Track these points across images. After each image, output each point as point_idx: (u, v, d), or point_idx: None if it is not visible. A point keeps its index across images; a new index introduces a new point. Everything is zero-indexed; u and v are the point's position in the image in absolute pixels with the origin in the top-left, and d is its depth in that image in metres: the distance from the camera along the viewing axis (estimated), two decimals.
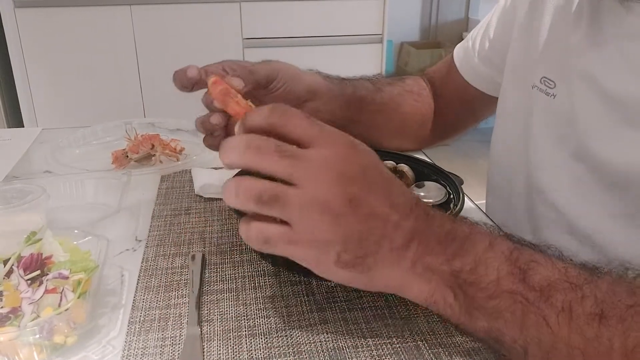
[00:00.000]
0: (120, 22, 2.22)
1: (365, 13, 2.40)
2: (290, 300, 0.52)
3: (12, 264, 0.49)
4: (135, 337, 0.47)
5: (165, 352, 0.45)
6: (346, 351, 0.46)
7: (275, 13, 2.32)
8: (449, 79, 0.88)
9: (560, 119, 0.65)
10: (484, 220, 0.44)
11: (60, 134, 0.96)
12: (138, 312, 0.50)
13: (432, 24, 3.19)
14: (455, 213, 0.59)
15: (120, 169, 0.82)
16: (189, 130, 0.97)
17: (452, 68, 0.86)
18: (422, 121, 0.88)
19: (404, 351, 0.46)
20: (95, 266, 0.49)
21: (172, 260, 0.59)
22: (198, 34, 2.28)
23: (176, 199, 0.73)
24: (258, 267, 0.57)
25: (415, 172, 0.69)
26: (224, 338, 0.47)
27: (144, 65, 2.31)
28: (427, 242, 0.41)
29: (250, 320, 0.49)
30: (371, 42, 2.45)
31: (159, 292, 0.53)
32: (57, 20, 2.18)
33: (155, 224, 0.66)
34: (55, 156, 0.86)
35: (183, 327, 0.48)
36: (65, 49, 2.22)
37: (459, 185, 0.64)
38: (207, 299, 0.52)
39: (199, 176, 0.77)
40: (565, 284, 0.39)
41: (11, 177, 0.80)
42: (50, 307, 0.45)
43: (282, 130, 0.40)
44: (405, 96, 0.86)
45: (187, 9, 2.25)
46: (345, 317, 0.50)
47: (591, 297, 0.38)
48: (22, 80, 2.23)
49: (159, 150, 0.84)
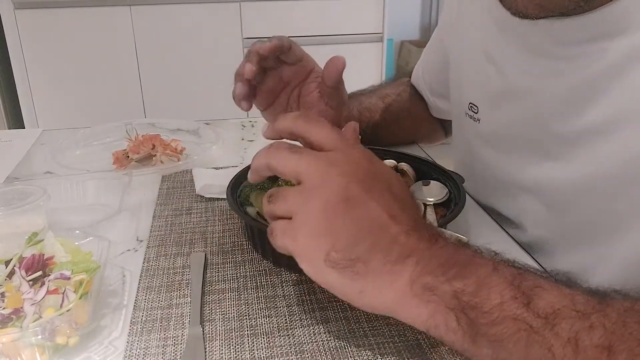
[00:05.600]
0: (120, 22, 2.23)
1: (366, 12, 2.40)
2: (292, 299, 0.52)
3: (13, 265, 0.49)
4: (137, 338, 0.47)
5: (167, 352, 0.46)
6: (348, 350, 0.46)
7: (275, 13, 2.32)
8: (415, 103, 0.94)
9: (488, 142, 0.70)
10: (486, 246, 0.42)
11: (60, 135, 0.96)
12: (140, 313, 0.50)
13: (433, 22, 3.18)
14: (456, 211, 0.59)
15: (121, 169, 0.82)
16: (190, 130, 0.98)
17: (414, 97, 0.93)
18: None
19: (406, 350, 0.46)
20: (97, 267, 0.49)
21: (173, 260, 0.59)
22: (198, 34, 2.29)
23: (177, 199, 0.73)
24: (260, 267, 0.57)
25: (416, 171, 0.69)
26: (226, 338, 0.47)
27: (144, 66, 2.31)
28: (427, 262, 0.39)
29: (252, 319, 0.49)
30: (371, 41, 2.45)
31: (160, 292, 0.53)
32: (57, 21, 2.18)
33: (156, 224, 0.67)
34: (56, 157, 0.86)
35: (185, 327, 0.48)
36: (65, 49, 2.22)
37: (460, 183, 0.64)
38: (208, 298, 0.52)
39: (200, 176, 0.77)
40: (572, 312, 0.36)
41: (12, 179, 0.80)
42: (52, 308, 0.45)
43: (305, 135, 0.43)
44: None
45: (187, 9, 2.25)
46: (347, 316, 0.50)
47: (600, 327, 0.36)
48: (22, 82, 2.23)
49: (159, 151, 0.84)
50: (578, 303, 0.37)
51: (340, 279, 0.39)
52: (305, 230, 0.40)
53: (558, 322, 0.36)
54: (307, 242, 0.40)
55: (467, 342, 0.38)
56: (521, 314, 0.37)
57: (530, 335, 0.36)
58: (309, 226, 0.39)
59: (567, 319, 0.36)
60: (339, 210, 0.39)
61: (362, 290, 0.39)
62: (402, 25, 3.09)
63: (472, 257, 0.40)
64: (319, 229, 0.39)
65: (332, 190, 0.39)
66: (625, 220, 0.56)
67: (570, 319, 0.36)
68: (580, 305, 0.37)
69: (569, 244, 0.62)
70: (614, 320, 0.36)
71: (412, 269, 0.39)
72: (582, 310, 0.36)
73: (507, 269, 0.39)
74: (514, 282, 0.38)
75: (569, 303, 0.37)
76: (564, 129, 0.58)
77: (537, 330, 0.36)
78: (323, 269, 0.39)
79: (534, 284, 0.38)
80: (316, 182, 0.40)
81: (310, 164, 0.40)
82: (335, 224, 0.39)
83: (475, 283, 0.38)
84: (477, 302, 0.37)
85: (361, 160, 0.42)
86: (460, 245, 0.42)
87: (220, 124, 1.02)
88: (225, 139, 0.93)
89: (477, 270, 0.39)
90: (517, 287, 0.38)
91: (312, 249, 0.39)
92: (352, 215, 0.39)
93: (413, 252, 0.39)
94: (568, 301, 0.37)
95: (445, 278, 0.38)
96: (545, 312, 0.36)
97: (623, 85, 0.52)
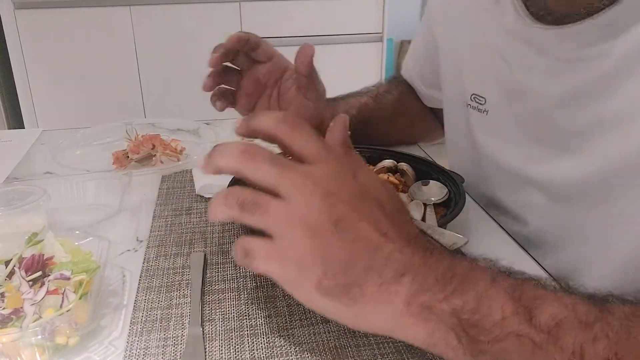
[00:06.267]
0: (120, 22, 2.22)
1: (365, 12, 2.40)
2: (292, 299, 0.52)
3: (13, 265, 0.49)
4: (137, 338, 0.47)
5: (167, 352, 0.46)
6: (348, 350, 0.46)
7: (275, 13, 2.32)
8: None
9: (496, 134, 0.69)
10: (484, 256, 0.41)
11: (60, 135, 0.96)
12: (140, 313, 0.50)
13: None
14: (456, 211, 0.59)
15: (121, 169, 0.82)
16: (190, 130, 0.98)
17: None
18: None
19: (406, 349, 0.46)
20: (97, 267, 0.49)
21: (173, 260, 0.59)
22: (198, 34, 2.28)
23: (177, 199, 0.73)
24: None
25: (416, 170, 0.69)
26: (226, 338, 0.47)
27: (144, 66, 2.31)
28: (423, 279, 0.37)
29: (252, 319, 0.49)
30: (371, 41, 2.45)
31: (160, 292, 0.53)
32: (57, 21, 2.18)
33: (156, 224, 0.67)
34: (56, 157, 0.86)
35: (185, 327, 0.48)
36: (65, 50, 2.22)
37: (460, 183, 0.64)
38: (208, 298, 0.52)
39: (200, 176, 0.77)
40: (574, 323, 0.36)
41: (12, 179, 0.80)
42: (52, 308, 0.45)
43: (287, 142, 0.39)
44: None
45: (187, 9, 2.25)
46: None
47: (604, 338, 0.35)
48: (22, 82, 2.23)
49: (159, 151, 0.84)
50: (580, 313, 0.36)
51: (335, 305, 0.37)
52: (294, 256, 0.36)
53: (561, 335, 0.35)
54: (296, 269, 0.37)
55: (469, 359, 0.37)
56: (524, 329, 0.36)
57: (534, 351, 0.35)
58: (298, 253, 0.36)
59: (570, 331, 0.35)
60: (328, 234, 0.36)
61: (358, 314, 0.37)
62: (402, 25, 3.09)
63: (469, 270, 0.38)
64: (309, 256, 0.36)
65: (319, 213, 0.36)
66: (626, 215, 0.56)
67: (573, 331, 0.35)
68: (582, 315, 0.36)
69: (570, 238, 0.63)
70: (617, 329, 0.35)
71: (408, 287, 0.37)
72: (584, 321, 0.36)
73: (506, 280, 0.38)
74: (514, 294, 0.37)
75: (570, 314, 0.36)
76: (571, 124, 0.59)
77: (540, 345, 0.35)
78: (315, 296, 0.37)
79: (534, 295, 0.37)
80: (300, 204, 0.36)
81: (293, 182, 0.37)
82: (326, 250, 0.36)
83: (475, 298, 0.37)
84: (477, 319, 0.36)
85: (347, 175, 0.39)
86: (456, 256, 0.40)
87: (220, 124, 1.02)
88: (225, 139, 0.93)
89: (476, 284, 0.37)
90: (518, 299, 0.37)
91: (303, 277, 0.37)
92: (343, 238, 0.36)
93: (408, 270, 0.37)
94: (569, 312, 0.36)
95: (443, 295, 0.37)
96: (548, 325, 0.36)
97: (629, 82, 0.53)
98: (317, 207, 0.36)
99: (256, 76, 0.68)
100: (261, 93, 0.69)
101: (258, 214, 0.37)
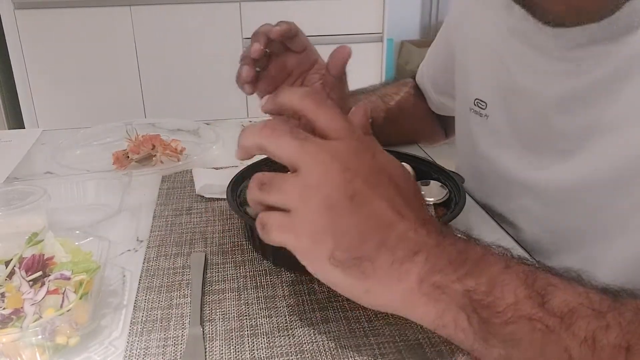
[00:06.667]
0: (120, 22, 2.23)
1: (365, 12, 2.40)
2: (292, 299, 0.52)
3: (13, 265, 0.49)
4: (137, 338, 0.47)
5: (168, 352, 0.46)
6: (348, 350, 0.46)
7: (275, 13, 2.32)
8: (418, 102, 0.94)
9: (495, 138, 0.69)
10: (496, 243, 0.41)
11: (60, 135, 0.96)
12: (140, 313, 0.50)
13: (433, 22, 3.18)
14: (456, 211, 0.59)
15: (121, 169, 0.82)
16: (190, 130, 0.98)
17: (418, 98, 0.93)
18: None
19: (406, 350, 0.46)
20: (97, 267, 0.49)
21: (173, 260, 0.59)
22: (198, 34, 2.29)
23: (177, 199, 0.73)
24: (260, 267, 0.57)
25: (417, 170, 0.69)
26: (226, 338, 0.47)
27: (144, 66, 2.31)
28: (436, 260, 0.38)
29: (252, 319, 0.49)
30: (371, 41, 2.45)
31: (160, 292, 0.53)
32: (57, 21, 2.18)
33: (156, 225, 0.67)
34: (56, 157, 0.86)
35: (185, 327, 0.48)
36: (65, 50, 2.22)
37: (460, 184, 0.64)
38: (209, 298, 0.52)
39: (200, 176, 0.77)
40: (587, 310, 0.36)
41: (12, 179, 0.80)
42: (53, 308, 0.45)
43: (311, 117, 0.40)
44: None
45: (187, 9, 2.25)
46: (347, 316, 0.50)
47: (616, 326, 0.35)
48: (22, 82, 2.23)
49: (159, 151, 0.84)
50: (593, 301, 0.36)
51: (346, 278, 0.38)
52: (308, 228, 0.37)
53: (574, 320, 0.35)
54: (310, 241, 0.38)
55: (478, 342, 0.37)
56: (536, 313, 0.36)
57: (546, 335, 0.35)
58: (312, 225, 0.37)
59: (583, 318, 0.35)
60: (343, 208, 0.37)
61: (368, 289, 0.38)
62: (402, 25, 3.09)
63: (483, 255, 0.39)
64: (323, 228, 0.37)
65: (336, 187, 0.37)
66: (624, 220, 0.56)
67: (587, 318, 0.35)
68: (596, 304, 0.36)
69: (567, 245, 0.62)
70: (630, 319, 0.35)
71: (421, 266, 0.37)
72: (597, 309, 0.36)
73: (519, 266, 0.38)
74: (527, 280, 0.37)
75: (584, 301, 0.36)
76: (569, 127, 0.59)
77: (553, 329, 0.35)
78: (327, 267, 0.38)
79: (547, 282, 0.37)
80: (318, 177, 0.37)
81: (312, 156, 0.38)
82: (340, 223, 0.37)
83: (488, 281, 0.37)
84: (490, 301, 0.36)
85: (366, 153, 0.40)
86: (470, 241, 0.40)
87: (220, 124, 1.02)
88: (225, 139, 0.93)
89: (489, 268, 0.38)
90: (531, 285, 0.37)
91: (316, 248, 0.38)
92: (358, 213, 0.37)
93: (422, 249, 0.38)
94: (583, 299, 0.36)
95: (456, 276, 0.37)
96: (561, 310, 0.36)
97: (630, 86, 0.53)
98: (334, 181, 0.37)
99: (284, 63, 0.68)
100: (284, 79, 0.69)
101: (274, 192, 0.38)
